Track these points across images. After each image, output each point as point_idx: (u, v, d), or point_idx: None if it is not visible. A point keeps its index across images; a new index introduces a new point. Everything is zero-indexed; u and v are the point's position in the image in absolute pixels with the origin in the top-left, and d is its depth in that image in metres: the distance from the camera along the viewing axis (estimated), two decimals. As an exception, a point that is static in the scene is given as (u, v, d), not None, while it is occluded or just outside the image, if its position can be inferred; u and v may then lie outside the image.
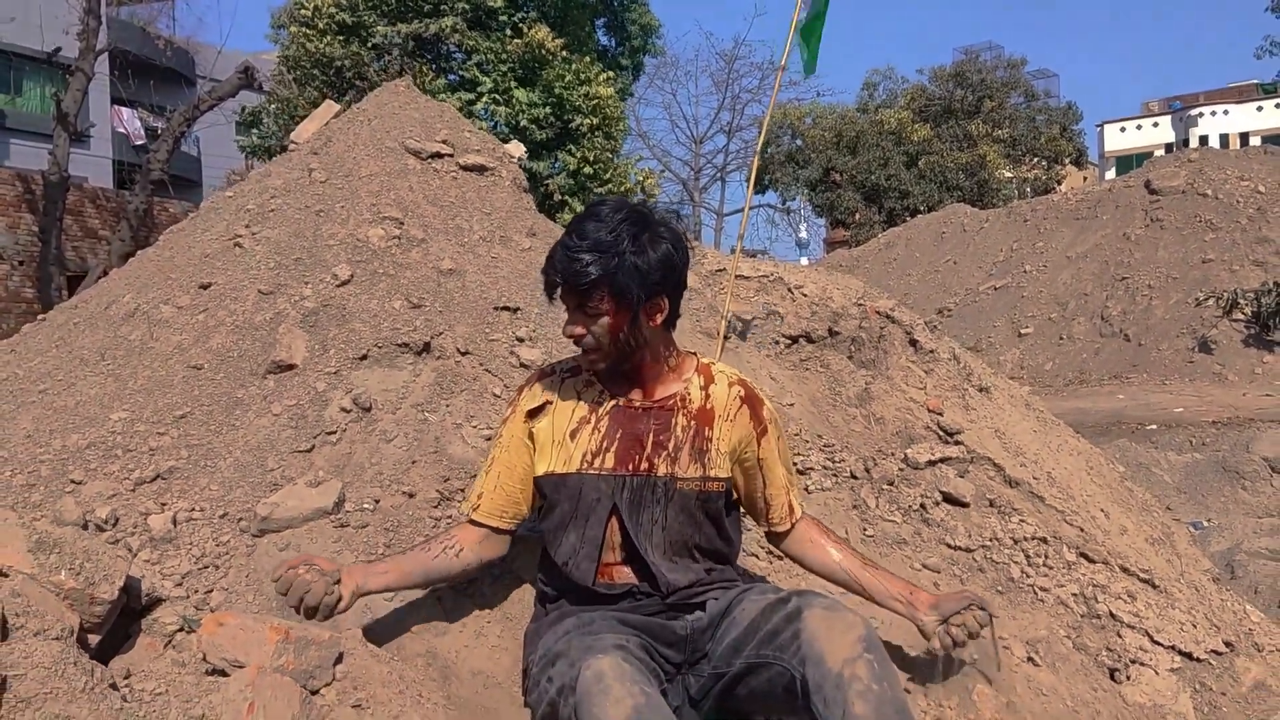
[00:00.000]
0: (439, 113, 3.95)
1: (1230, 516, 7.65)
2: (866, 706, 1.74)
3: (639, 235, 1.99)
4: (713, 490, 2.11)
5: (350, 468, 2.58)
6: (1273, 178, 14.92)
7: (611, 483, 2.07)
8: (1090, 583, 2.71)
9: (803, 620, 1.87)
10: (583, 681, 1.74)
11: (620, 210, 2.02)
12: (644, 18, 23.90)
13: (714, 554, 2.16)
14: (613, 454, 2.08)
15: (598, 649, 1.82)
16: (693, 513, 2.09)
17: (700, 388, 2.16)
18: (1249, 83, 48.17)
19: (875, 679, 1.77)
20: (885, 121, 31.87)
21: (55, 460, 2.63)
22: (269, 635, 1.66)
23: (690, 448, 2.10)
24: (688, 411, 2.12)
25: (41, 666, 1.43)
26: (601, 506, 2.07)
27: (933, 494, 2.88)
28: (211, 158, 30.37)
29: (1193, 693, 2.47)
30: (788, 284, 4.45)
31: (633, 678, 1.74)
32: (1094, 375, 13.97)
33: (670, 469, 2.08)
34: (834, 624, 1.85)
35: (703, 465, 2.10)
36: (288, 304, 3.05)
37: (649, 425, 2.10)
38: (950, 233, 18.76)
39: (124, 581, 2.01)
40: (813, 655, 1.82)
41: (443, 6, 18.86)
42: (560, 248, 2.02)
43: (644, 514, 2.07)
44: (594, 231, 1.98)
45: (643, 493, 2.07)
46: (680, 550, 2.09)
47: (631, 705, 1.68)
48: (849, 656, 1.79)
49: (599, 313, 2.01)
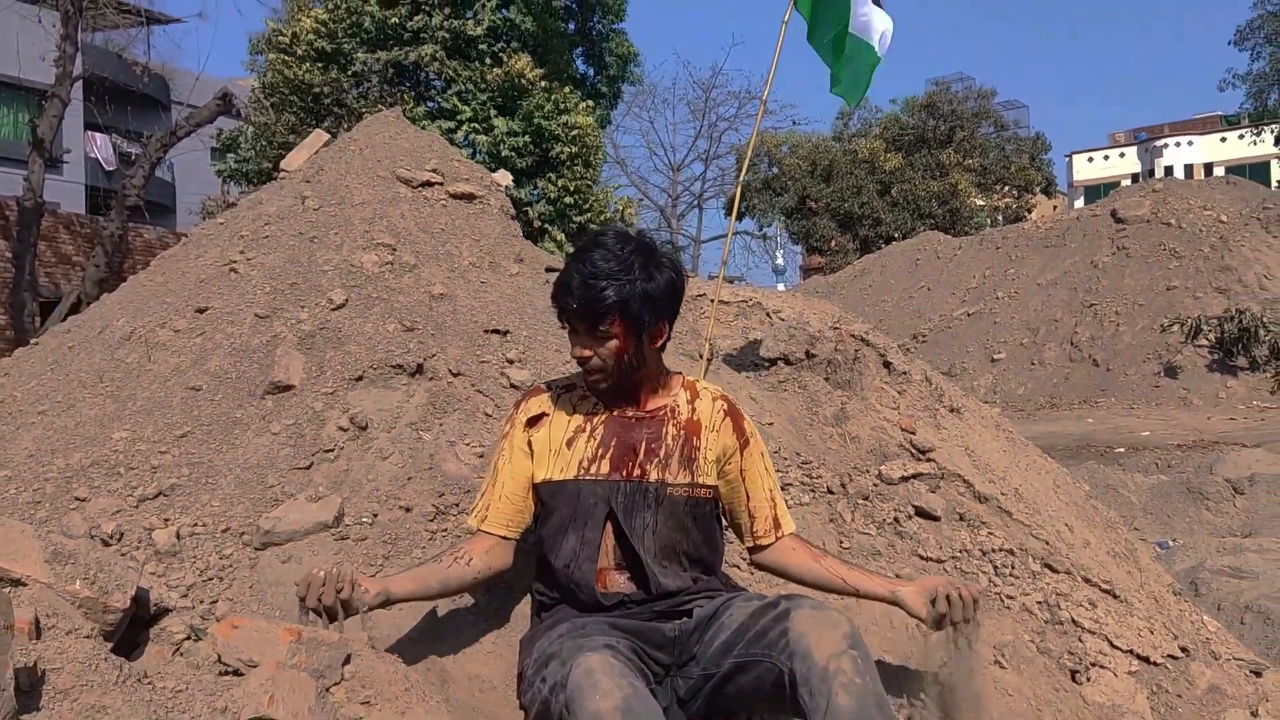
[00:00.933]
0: (428, 142, 4.08)
1: (1195, 536, 7.81)
2: (849, 698, 1.86)
3: (647, 264, 2.13)
4: (700, 496, 2.23)
5: (348, 484, 2.68)
6: (1234, 207, 15.28)
7: (607, 488, 2.19)
8: (1054, 591, 2.84)
9: (791, 619, 1.99)
10: (573, 678, 1.85)
11: (626, 240, 2.16)
12: (622, 47, 24.19)
13: (700, 562, 2.27)
14: (608, 460, 2.20)
15: (588, 648, 1.93)
16: (681, 519, 2.21)
17: (687, 401, 2.29)
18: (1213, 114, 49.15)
19: (859, 673, 1.90)
20: (859, 150, 32.31)
21: (59, 478, 2.72)
22: (283, 636, 1.77)
23: (680, 455, 2.22)
24: (677, 422, 2.25)
25: (76, 661, 1.53)
26: (599, 510, 2.18)
27: (905, 508, 3.01)
28: (185, 183, 30.34)
29: (1149, 694, 2.60)
30: (766, 309, 4.60)
31: (621, 672, 1.86)
32: (1064, 399, 14.20)
33: (661, 475, 2.20)
34: (821, 622, 1.97)
35: (691, 472, 2.22)
36: (284, 327, 3.16)
37: (642, 434, 2.23)
38: (924, 260, 19.04)
39: (135, 591, 2.10)
40: (800, 650, 1.93)
41: (422, 35, 19.03)
42: (575, 275, 2.12)
43: (636, 518, 2.18)
44: (605, 260, 2.10)
45: (635, 498, 2.19)
46: (669, 555, 2.21)
47: (620, 697, 1.80)
48: (835, 651, 1.91)
49: (608, 336, 2.13)
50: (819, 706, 1.87)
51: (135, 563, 2.26)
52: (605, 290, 2.08)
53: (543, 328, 3.34)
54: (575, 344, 2.18)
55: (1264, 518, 8.15)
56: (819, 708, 1.87)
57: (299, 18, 19.55)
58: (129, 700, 1.54)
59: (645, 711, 1.82)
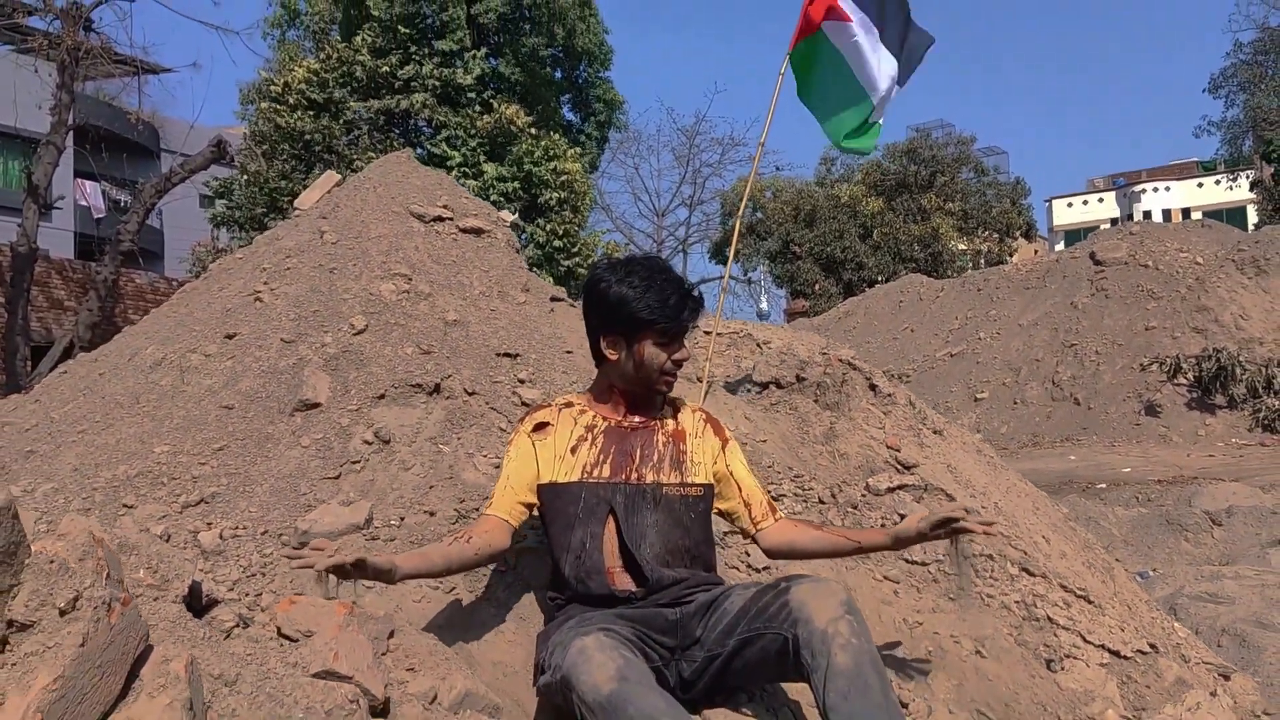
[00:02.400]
0: (438, 181, 4.33)
1: (1174, 566, 8.02)
2: (847, 657, 2.07)
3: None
4: (692, 495, 2.49)
5: (374, 492, 2.89)
6: (1210, 250, 15.66)
7: (609, 489, 2.44)
8: (1031, 592, 3.06)
9: (791, 593, 2.21)
10: (569, 658, 2.07)
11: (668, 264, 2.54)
12: (608, 94, 24.70)
13: (700, 559, 2.50)
14: (608, 465, 2.47)
15: (585, 633, 2.14)
16: (679, 517, 2.46)
17: (672, 414, 2.60)
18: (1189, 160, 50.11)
19: (855, 634, 2.11)
20: (841, 195, 32.82)
21: (106, 488, 2.92)
22: (338, 609, 1.97)
23: (670, 459, 2.50)
24: (665, 430, 2.55)
25: (167, 620, 1.73)
26: (601, 509, 2.43)
27: (892, 516, 3.23)
28: (174, 230, 30.55)
29: (1120, 683, 2.81)
30: (756, 339, 4.84)
31: (612, 647, 2.08)
32: (1047, 438, 14.43)
33: (656, 477, 2.47)
34: (819, 591, 2.19)
35: (681, 473, 2.49)
36: (310, 351, 3.38)
37: (637, 441, 2.51)
38: (907, 302, 19.38)
39: (190, 582, 2.30)
40: (802, 617, 2.15)
41: (413, 84, 19.44)
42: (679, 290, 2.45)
43: (636, 518, 2.43)
44: (684, 281, 2.48)
45: (636, 499, 2.44)
46: (672, 552, 2.44)
47: (614, 668, 2.01)
48: (833, 616, 2.13)
49: (682, 344, 2.50)
50: (820, 665, 2.08)
51: (191, 555, 2.46)
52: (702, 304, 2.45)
53: (550, 351, 3.57)
54: (671, 350, 2.47)
55: (1241, 548, 8.35)
56: (820, 666, 2.08)
57: (291, 67, 19.94)
58: (216, 653, 1.74)
59: (638, 677, 2.03)
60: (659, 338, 2.44)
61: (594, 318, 2.51)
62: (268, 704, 1.61)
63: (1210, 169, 46.05)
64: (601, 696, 1.97)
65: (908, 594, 2.97)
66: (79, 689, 1.33)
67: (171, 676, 1.44)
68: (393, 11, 20.06)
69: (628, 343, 2.46)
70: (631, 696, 1.98)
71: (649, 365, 2.46)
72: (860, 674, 2.06)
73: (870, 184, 33.51)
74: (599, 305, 2.47)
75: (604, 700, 1.97)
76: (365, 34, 19.71)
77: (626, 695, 1.97)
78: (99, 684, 1.36)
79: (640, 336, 2.44)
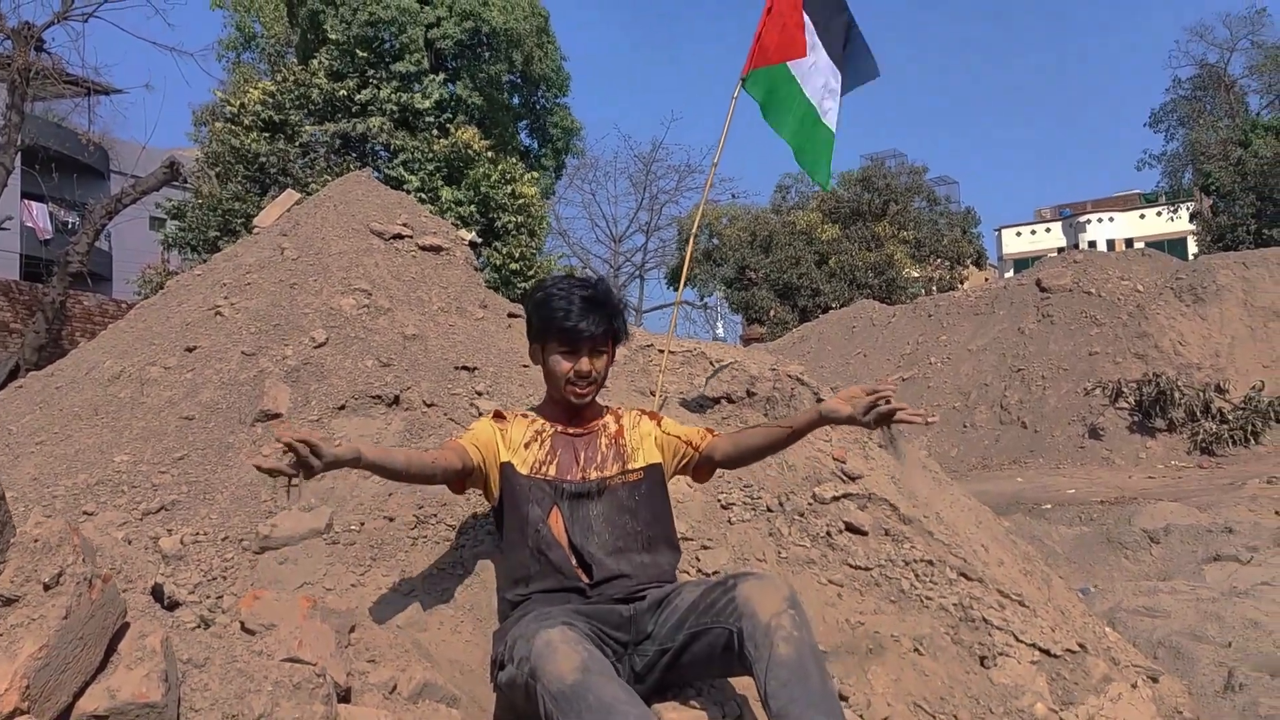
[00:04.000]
0: (398, 200, 4.42)
1: (1114, 582, 8.23)
2: (789, 648, 2.18)
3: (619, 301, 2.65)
4: (632, 479, 2.65)
5: (334, 499, 2.96)
6: (1150, 278, 16.10)
7: (554, 487, 2.59)
8: (968, 595, 3.19)
9: (737, 589, 2.32)
10: (535, 650, 2.17)
11: (601, 280, 2.67)
12: (565, 121, 24.89)
13: (652, 540, 2.62)
14: (554, 466, 2.62)
15: (547, 626, 2.24)
16: (623, 503, 2.61)
17: (614, 420, 2.76)
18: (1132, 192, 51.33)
19: (796, 627, 2.22)
20: (797, 222, 33.23)
21: (66, 496, 2.96)
22: (301, 604, 2.04)
23: (613, 456, 2.66)
24: (607, 434, 2.71)
25: (137, 609, 1.79)
26: (546, 503, 2.56)
27: (837, 523, 3.35)
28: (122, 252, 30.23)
29: (1049, 679, 2.94)
30: (709, 358, 4.96)
31: (577, 640, 2.18)
32: (995, 460, 14.68)
33: (600, 474, 2.63)
34: (764, 588, 2.30)
35: (622, 463, 2.65)
36: (270, 363, 3.44)
37: (581, 446, 2.67)
38: (860, 327, 19.66)
39: (152, 584, 2.36)
40: (747, 612, 2.26)
41: (370, 107, 19.46)
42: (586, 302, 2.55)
43: (580, 511, 2.57)
44: (605, 294, 2.60)
45: (579, 495, 2.59)
46: (625, 538, 2.57)
47: (578, 659, 2.11)
48: (776, 610, 2.24)
49: (604, 354, 2.62)
50: (762, 657, 2.19)
51: (154, 558, 2.52)
52: (616, 316, 2.57)
53: (507, 365, 3.66)
54: (575, 361, 2.58)
55: (1178, 565, 8.57)
56: (762, 658, 2.19)
57: (246, 89, 19.89)
58: (184, 640, 1.81)
59: (601, 668, 2.13)
60: (560, 345, 2.58)
61: (527, 326, 2.73)
62: (238, 679, 1.68)
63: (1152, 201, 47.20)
64: (565, 686, 2.07)
65: (851, 596, 3.09)
66: (62, 658, 1.40)
67: (148, 650, 1.52)
68: (350, 35, 20.12)
69: (541, 350, 2.64)
70: (593, 686, 2.07)
71: (554, 373, 2.61)
72: (801, 664, 2.16)
73: (825, 211, 33.96)
74: (526, 313, 2.72)
75: (567, 689, 2.07)
76: (322, 57, 19.73)
77: (588, 685, 2.07)
78: (81, 655, 1.44)
79: (546, 344, 2.61)
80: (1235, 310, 15.68)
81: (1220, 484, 11.14)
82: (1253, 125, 32.13)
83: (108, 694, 1.49)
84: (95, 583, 1.52)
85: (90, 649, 1.46)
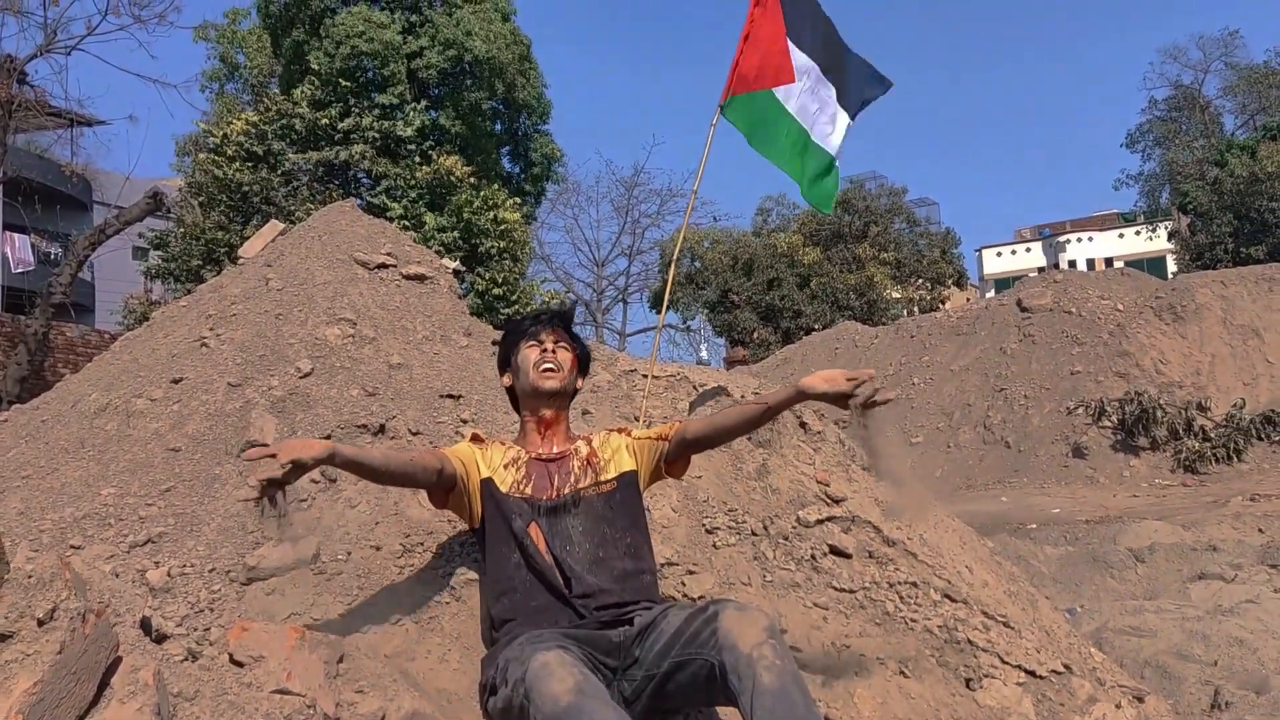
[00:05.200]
0: (381, 229, 4.45)
1: (1100, 601, 8.26)
2: (772, 677, 2.20)
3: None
4: (606, 490, 2.71)
5: (321, 529, 2.97)
6: (1130, 297, 16.24)
7: (533, 504, 2.67)
8: (953, 617, 3.21)
9: (718, 620, 2.33)
10: (530, 671, 2.19)
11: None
12: (546, 147, 25.01)
13: (632, 546, 2.68)
14: (531, 486, 2.70)
15: (543, 649, 2.26)
16: (600, 512, 2.67)
17: (585, 445, 2.83)
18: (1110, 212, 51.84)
19: (778, 656, 2.24)
20: (778, 245, 33.40)
21: (53, 530, 2.96)
22: (289, 634, 2.05)
23: (585, 473, 2.74)
24: (579, 456, 2.79)
25: (127, 643, 1.80)
26: (527, 517, 2.63)
27: (821, 546, 3.38)
28: (105, 283, 30.13)
29: (1035, 700, 2.97)
30: (693, 382, 4.99)
31: (573, 663, 2.20)
32: (980, 480, 14.74)
33: (574, 488, 2.70)
34: (744, 619, 2.32)
35: (595, 475, 2.73)
36: (256, 394, 3.46)
37: (556, 469, 2.75)
38: (843, 348, 19.76)
39: (140, 617, 2.37)
40: (728, 644, 2.27)
41: (353, 136, 19.52)
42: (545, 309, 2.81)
43: (559, 525, 2.63)
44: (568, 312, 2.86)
45: (556, 510, 2.66)
46: (603, 545, 2.62)
47: (573, 681, 2.13)
48: (757, 641, 2.25)
49: (567, 348, 2.78)
50: (746, 688, 2.20)
51: (141, 591, 2.52)
52: (572, 311, 2.81)
53: (491, 393, 3.68)
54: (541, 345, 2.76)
55: (1163, 583, 8.63)
56: (747, 689, 2.20)
57: (229, 120, 19.93)
58: (174, 673, 1.81)
59: (595, 692, 2.14)
60: (527, 342, 2.78)
61: (499, 372, 2.92)
62: (229, 711, 1.69)
63: (1130, 220, 47.68)
64: (559, 708, 2.09)
65: (836, 619, 3.11)
66: (57, 693, 1.41)
67: (140, 684, 1.53)
68: (333, 65, 20.19)
69: (512, 365, 2.82)
70: (586, 709, 2.09)
71: (524, 369, 2.76)
72: (785, 692, 2.18)
73: (806, 234, 34.15)
74: (497, 359, 2.93)
75: (560, 712, 2.09)
76: (305, 87, 19.79)
77: (582, 708, 2.09)
78: (74, 690, 1.45)
79: (515, 354, 2.80)
80: (1215, 328, 15.84)
81: (1204, 502, 11.22)
82: (1228, 145, 32.56)
83: (99, 728, 1.50)
84: (89, 617, 1.53)
85: (84, 683, 1.48)
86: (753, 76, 4.39)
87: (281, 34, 22.38)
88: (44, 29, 18.05)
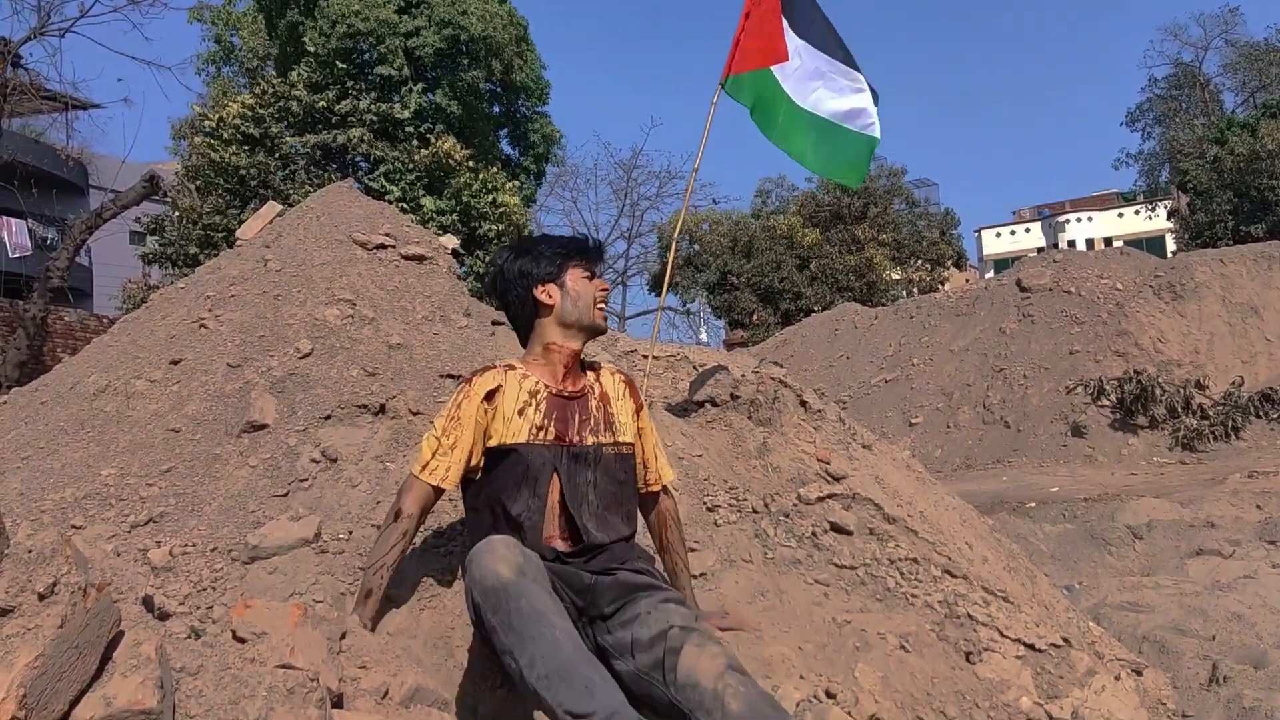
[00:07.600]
0: (380, 210, 4.44)
1: (1098, 578, 8.29)
2: (740, 703, 2.12)
3: None
4: (624, 452, 2.69)
5: (322, 508, 2.97)
6: (1129, 276, 16.22)
7: (554, 451, 2.59)
8: (953, 592, 3.22)
9: (680, 657, 2.23)
10: (475, 549, 2.21)
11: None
12: (545, 129, 24.92)
13: (630, 515, 2.69)
14: (552, 429, 2.61)
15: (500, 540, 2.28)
16: (614, 473, 2.65)
17: (595, 379, 2.78)
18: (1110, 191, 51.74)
19: (743, 684, 2.17)
20: (778, 226, 33.34)
21: (54, 510, 2.97)
22: (292, 611, 2.06)
23: (603, 421, 2.69)
24: (595, 395, 2.74)
25: (130, 618, 1.80)
26: (546, 469, 2.57)
27: (822, 524, 3.39)
28: (102, 267, 30.06)
29: (1034, 673, 2.98)
30: (693, 362, 4.99)
31: (519, 547, 2.22)
32: (979, 460, 14.76)
33: (595, 439, 2.65)
34: (702, 655, 2.22)
35: (613, 433, 2.69)
36: (256, 374, 3.45)
37: (575, 407, 2.68)
38: (843, 330, 19.74)
39: (141, 596, 2.37)
40: (689, 683, 2.19)
41: (350, 118, 19.45)
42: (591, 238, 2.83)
43: (579, 478, 2.59)
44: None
45: (577, 460, 2.60)
46: (610, 508, 2.60)
47: (516, 561, 2.16)
48: (719, 673, 2.18)
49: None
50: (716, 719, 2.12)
51: (143, 570, 2.53)
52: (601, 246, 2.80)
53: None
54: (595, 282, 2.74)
55: (1161, 560, 8.65)
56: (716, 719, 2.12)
57: (226, 103, 19.85)
58: (177, 649, 1.82)
59: (534, 575, 2.17)
60: (583, 270, 2.72)
61: (522, 279, 2.71)
62: (232, 685, 1.70)
63: (1130, 199, 47.57)
64: (499, 582, 2.10)
65: (837, 595, 3.12)
66: (58, 667, 1.42)
67: (143, 658, 1.53)
68: (329, 47, 20.10)
69: (558, 284, 2.70)
70: (526, 591, 2.09)
71: (584, 296, 2.70)
72: (757, 710, 2.11)
73: (805, 215, 34.07)
74: (527, 261, 2.72)
75: (500, 585, 2.10)
76: (302, 69, 19.71)
77: (523, 588, 2.09)
78: (76, 663, 1.45)
79: (568, 270, 2.70)
80: (1214, 307, 15.83)
81: (1202, 479, 11.24)
82: (1228, 123, 32.44)
83: (104, 701, 1.51)
84: (90, 591, 1.53)
85: (86, 657, 1.48)
86: (754, 54, 4.38)
87: (276, 15, 22.26)
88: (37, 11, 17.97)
